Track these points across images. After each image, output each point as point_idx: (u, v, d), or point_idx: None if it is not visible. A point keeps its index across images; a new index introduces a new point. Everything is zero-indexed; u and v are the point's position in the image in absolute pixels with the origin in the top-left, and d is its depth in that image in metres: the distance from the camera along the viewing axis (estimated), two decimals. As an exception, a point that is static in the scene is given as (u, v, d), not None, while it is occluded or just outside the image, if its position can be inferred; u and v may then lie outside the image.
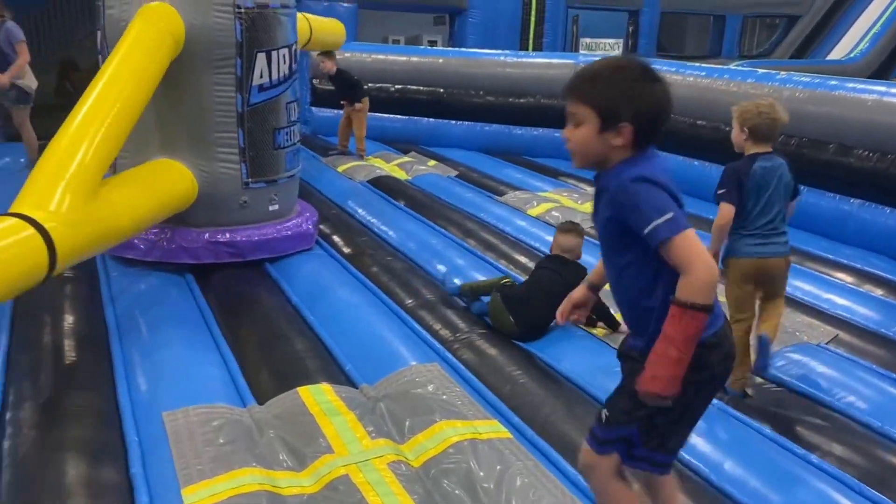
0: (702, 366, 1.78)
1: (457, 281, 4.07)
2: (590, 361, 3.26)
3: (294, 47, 4.42)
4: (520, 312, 3.55)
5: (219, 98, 4.09)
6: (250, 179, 4.29)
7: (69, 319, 3.55)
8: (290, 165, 4.53)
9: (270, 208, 4.42)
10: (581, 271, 3.61)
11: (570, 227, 3.91)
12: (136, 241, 4.14)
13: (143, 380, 3.00)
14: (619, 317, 3.57)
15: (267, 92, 4.24)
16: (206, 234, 4.17)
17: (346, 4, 8.74)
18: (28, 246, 2.75)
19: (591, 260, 3.03)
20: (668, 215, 1.69)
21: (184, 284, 4.08)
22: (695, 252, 1.70)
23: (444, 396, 2.81)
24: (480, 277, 4.13)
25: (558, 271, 3.70)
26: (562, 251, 3.81)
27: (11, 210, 2.88)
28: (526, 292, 3.65)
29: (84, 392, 2.87)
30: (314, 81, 8.55)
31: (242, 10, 4.03)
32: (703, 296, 1.69)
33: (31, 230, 2.77)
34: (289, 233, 4.42)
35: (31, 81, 6.47)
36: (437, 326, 3.68)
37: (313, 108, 8.68)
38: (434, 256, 4.64)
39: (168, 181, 4.02)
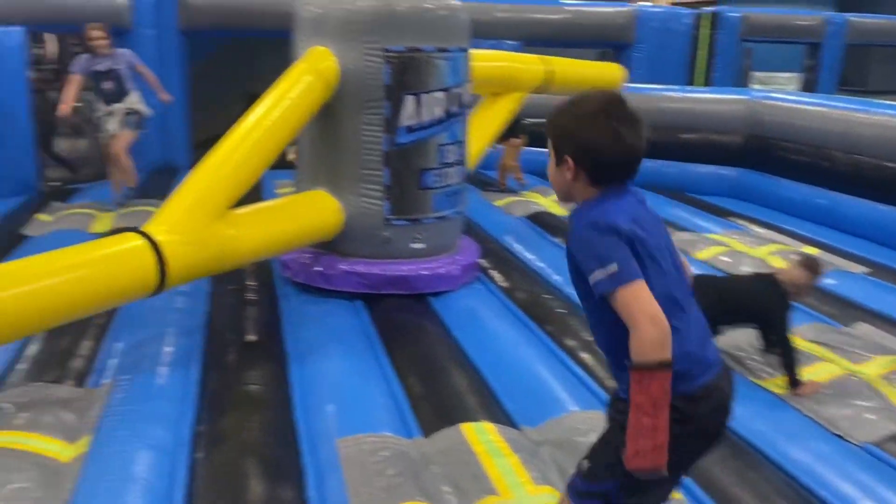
0: (687, 419, 1.68)
1: None
2: (769, 420, 3.06)
3: (456, 90, 4.46)
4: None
5: (367, 137, 4.29)
6: (392, 216, 4.42)
7: (251, 340, 3.83)
8: (439, 206, 4.53)
9: (413, 246, 4.50)
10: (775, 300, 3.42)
11: (809, 264, 3.61)
12: (290, 262, 4.52)
13: (317, 403, 3.16)
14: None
15: (415, 133, 4.33)
16: (344, 265, 4.38)
17: (510, 42, 8.89)
18: (137, 258, 3.04)
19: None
20: (612, 267, 1.62)
21: (354, 310, 4.28)
22: (636, 307, 1.60)
23: (609, 447, 2.74)
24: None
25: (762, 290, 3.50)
26: (790, 281, 3.53)
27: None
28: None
29: (266, 411, 3.07)
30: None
31: (392, 55, 4.19)
32: (652, 353, 1.58)
33: (142, 242, 3.05)
34: (426, 272, 4.46)
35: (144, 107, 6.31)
36: (598, 370, 3.61)
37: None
38: (594, 296, 4.56)
39: (313, 211, 4.32)
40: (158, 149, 8.08)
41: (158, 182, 7.20)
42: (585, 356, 3.74)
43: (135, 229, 3.24)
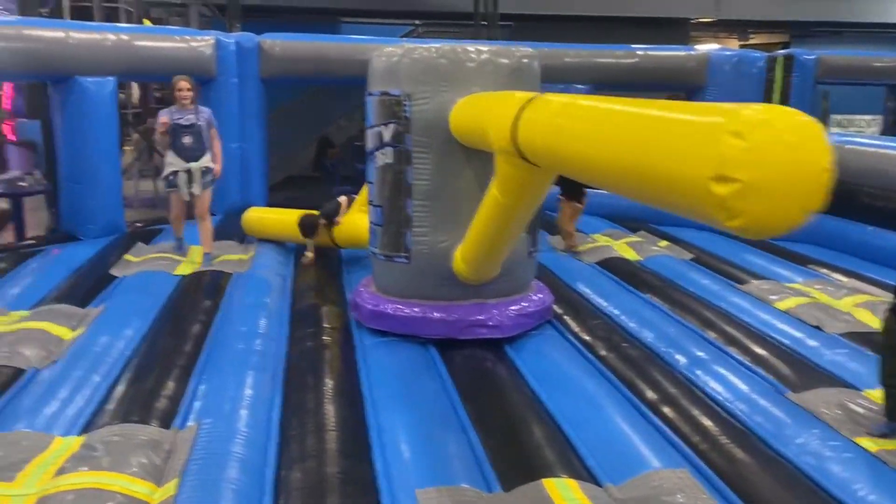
0: None
1: None
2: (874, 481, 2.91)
3: None
4: None
5: None
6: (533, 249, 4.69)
7: (329, 385, 3.86)
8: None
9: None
10: None
11: None
12: (362, 306, 4.62)
13: (395, 452, 3.15)
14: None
15: None
16: (421, 309, 4.44)
17: (580, 86, 8.92)
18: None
19: None
20: None
21: (427, 354, 4.29)
22: None
23: (697, 508, 2.65)
24: (722, 371, 3.92)
25: None
26: None
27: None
28: None
29: (345, 459, 3.08)
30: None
31: None
32: None
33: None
34: (509, 313, 4.48)
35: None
36: (682, 425, 3.50)
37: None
38: (672, 346, 4.46)
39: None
40: (237, 191, 8.36)
41: (238, 223, 7.42)
42: (667, 410, 3.64)
43: None
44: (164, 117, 5.90)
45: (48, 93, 7.40)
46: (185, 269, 5.93)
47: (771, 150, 1.74)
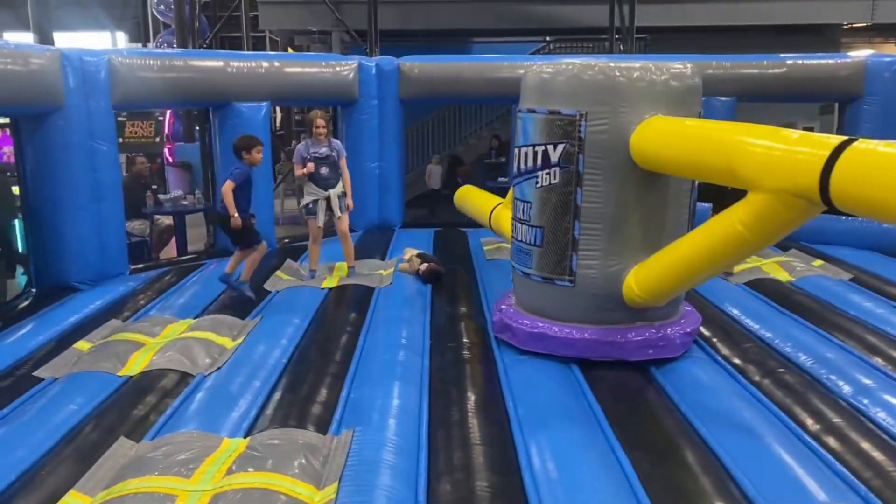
0: None
1: None
2: None
3: None
4: None
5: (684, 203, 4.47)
6: None
7: (472, 399, 3.91)
8: None
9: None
10: None
11: None
12: (508, 324, 4.61)
13: (545, 473, 3.13)
14: None
15: None
16: (565, 329, 4.41)
17: (723, 98, 8.58)
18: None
19: None
20: None
21: (570, 373, 4.25)
22: None
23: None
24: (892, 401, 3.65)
25: None
26: None
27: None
28: None
29: (493, 474, 3.10)
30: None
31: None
32: None
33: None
34: (661, 339, 4.36)
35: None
36: (850, 457, 3.26)
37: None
38: (833, 372, 4.18)
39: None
40: (376, 209, 8.66)
41: (377, 240, 7.67)
42: (832, 441, 3.41)
43: None
44: (307, 161, 6.19)
45: (209, 117, 7.99)
46: (331, 282, 6.21)
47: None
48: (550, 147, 4.31)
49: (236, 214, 5.52)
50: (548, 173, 4.34)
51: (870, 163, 2.83)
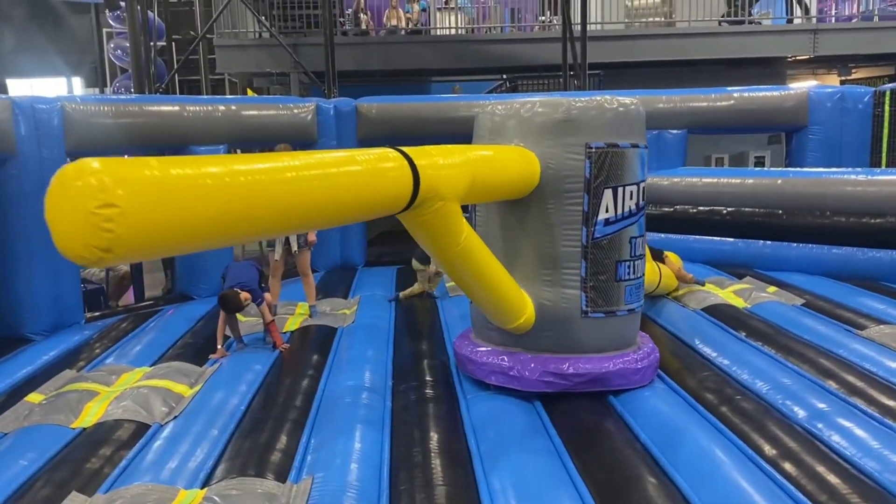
0: None
1: None
2: None
3: (642, 185, 4.54)
4: None
5: (566, 231, 4.38)
6: (589, 309, 4.43)
7: (434, 439, 3.88)
8: (629, 299, 4.57)
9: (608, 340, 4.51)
10: None
11: None
12: (472, 359, 4.59)
13: (507, 508, 3.13)
14: None
15: (612, 226, 4.42)
16: (535, 363, 4.38)
17: (674, 131, 8.81)
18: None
19: None
20: None
21: (532, 410, 4.25)
22: None
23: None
24: (847, 424, 3.69)
25: None
26: None
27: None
28: None
29: (456, 514, 3.08)
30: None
31: (593, 150, 4.31)
32: None
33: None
34: (625, 369, 4.40)
35: None
36: (806, 482, 3.31)
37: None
38: (789, 398, 4.25)
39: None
40: (338, 249, 8.64)
41: (340, 279, 7.64)
42: (789, 466, 3.46)
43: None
44: None
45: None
46: (293, 323, 6.15)
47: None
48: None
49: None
50: None
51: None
